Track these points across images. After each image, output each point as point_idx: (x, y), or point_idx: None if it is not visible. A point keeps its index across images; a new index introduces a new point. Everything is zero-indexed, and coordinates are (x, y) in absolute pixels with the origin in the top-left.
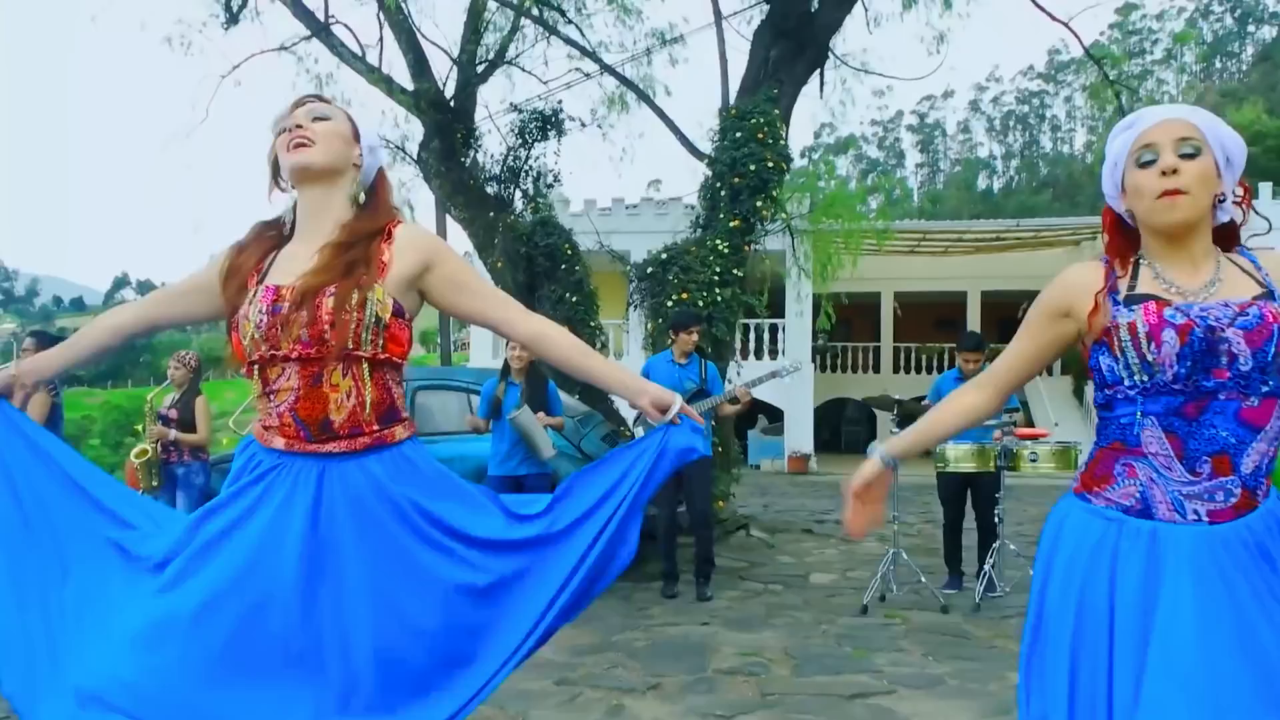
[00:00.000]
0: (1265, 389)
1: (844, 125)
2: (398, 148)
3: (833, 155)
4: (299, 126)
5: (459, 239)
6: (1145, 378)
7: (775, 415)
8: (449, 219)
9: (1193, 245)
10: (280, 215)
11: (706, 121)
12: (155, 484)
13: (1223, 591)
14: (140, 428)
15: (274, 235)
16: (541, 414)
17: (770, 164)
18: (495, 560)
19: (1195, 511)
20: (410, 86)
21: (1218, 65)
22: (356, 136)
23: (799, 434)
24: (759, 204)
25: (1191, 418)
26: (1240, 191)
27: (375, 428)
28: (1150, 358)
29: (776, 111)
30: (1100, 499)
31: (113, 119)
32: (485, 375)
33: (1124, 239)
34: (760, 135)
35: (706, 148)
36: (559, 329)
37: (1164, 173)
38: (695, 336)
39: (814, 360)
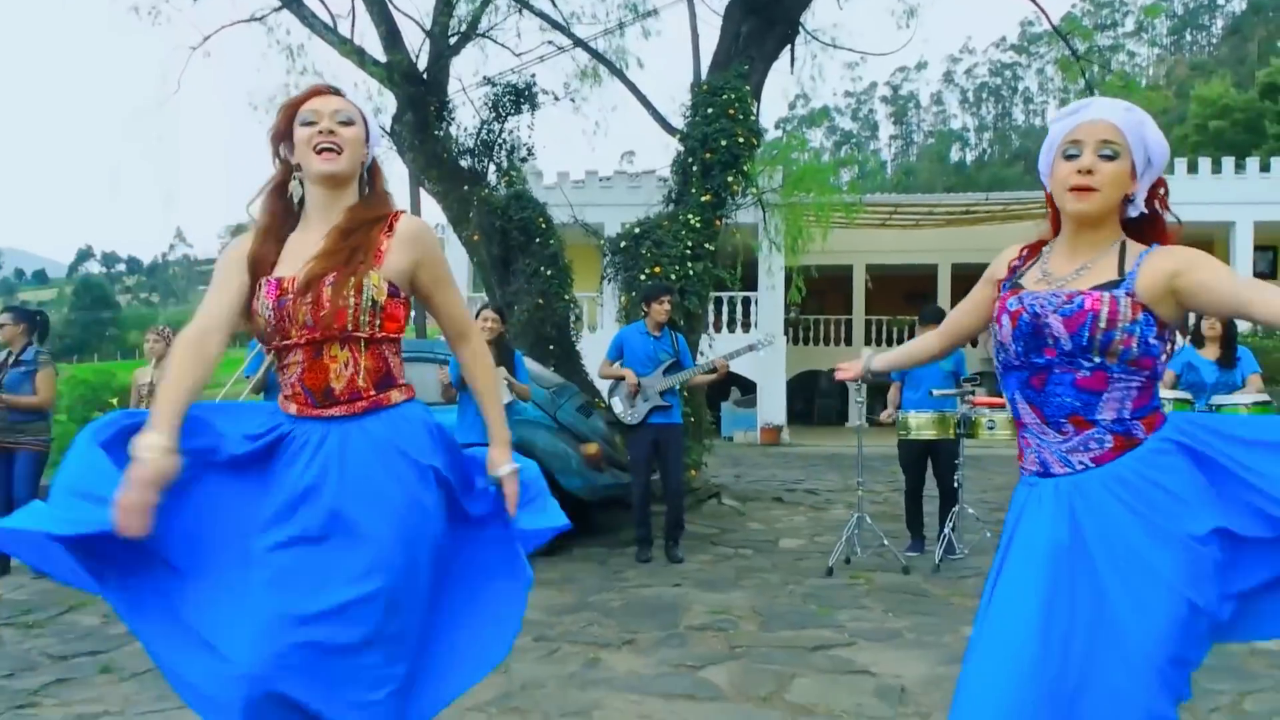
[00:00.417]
0: (1090, 365)
1: (817, 98)
2: None
3: (806, 127)
4: (331, 132)
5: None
6: (1002, 356)
7: (748, 388)
8: (423, 192)
9: (1092, 234)
10: (290, 192)
11: (679, 96)
12: None
13: (1106, 521)
14: (115, 402)
15: (289, 218)
16: (503, 369)
17: (741, 140)
18: (473, 505)
19: (1081, 462)
20: (383, 59)
21: (1188, 38)
22: (368, 137)
23: (772, 406)
24: (730, 179)
25: (1038, 389)
26: (1160, 191)
27: (372, 393)
28: (999, 338)
29: (747, 88)
30: (1023, 470)
31: (77, 89)
32: None
33: (1057, 210)
34: (731, 111)
35: (679, 122)
36: (486, 366)
37: (1080, 171)
38: (667, 306)
39: (786, 333)
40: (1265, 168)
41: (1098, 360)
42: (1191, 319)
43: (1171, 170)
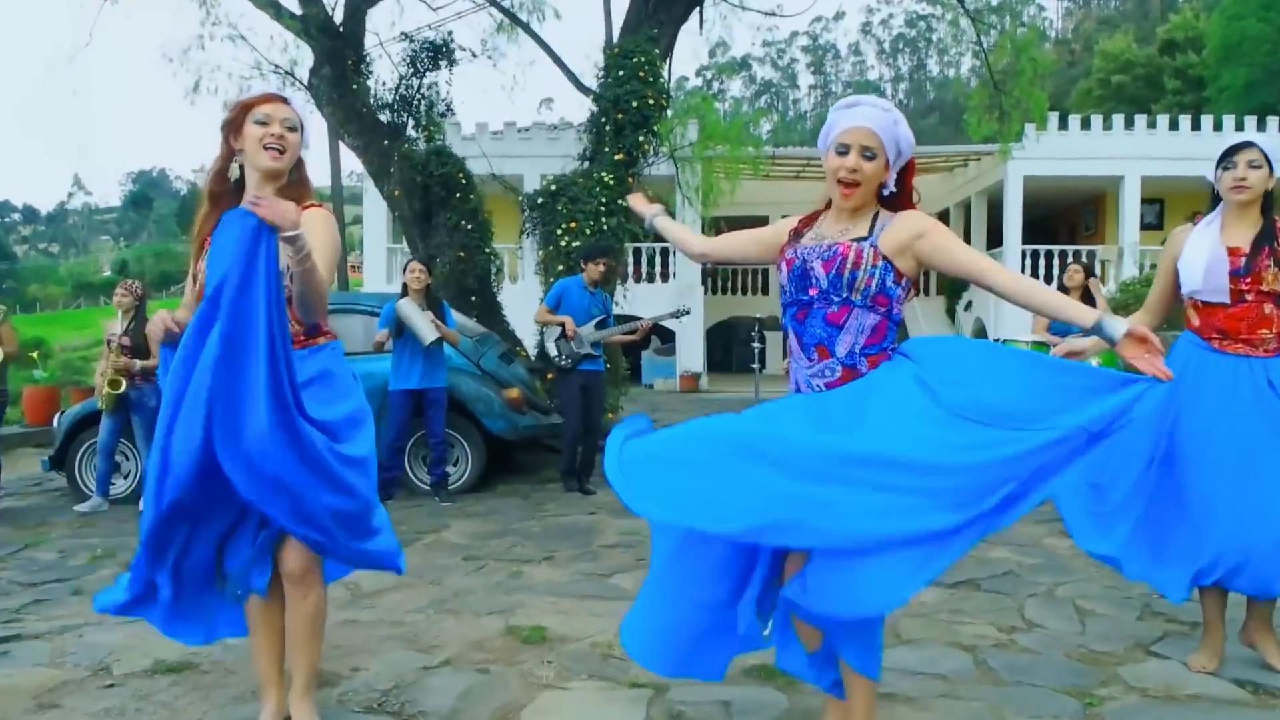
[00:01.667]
0: (839, 300)
1: (735, 48)
2: (288, 73)
3: (726, 76)
4: (280, 136)
5: (353, 165)
6: (783, 296)
7: (668, 337)
8: (342, 146)
9: (852, 207)
10: (230, 172)
11: (594, 54)
12: (114, 410)
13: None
14: (35, 355)
15: (229, 194)
16: (430, 313)
17: (651, 101)
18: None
19: (818, 385)
20: (298, 11)
21: None
22: (303, 140)
23: (690, 354)
24: (641, 139)
25: (801, 321)
26: (910, 172)
27: (303, 337)
28: (781, 281)
29: (657, 51)
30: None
31: None
32: (385, 298)
33: None
34: (641, 74)
35: (594, 82)
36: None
37: (847, 169)
38: (601, 268)
39: (704, 283)
40: (1152, 124)
41: (845, 295)
42: (1056, 275)
43: (1066, 127)
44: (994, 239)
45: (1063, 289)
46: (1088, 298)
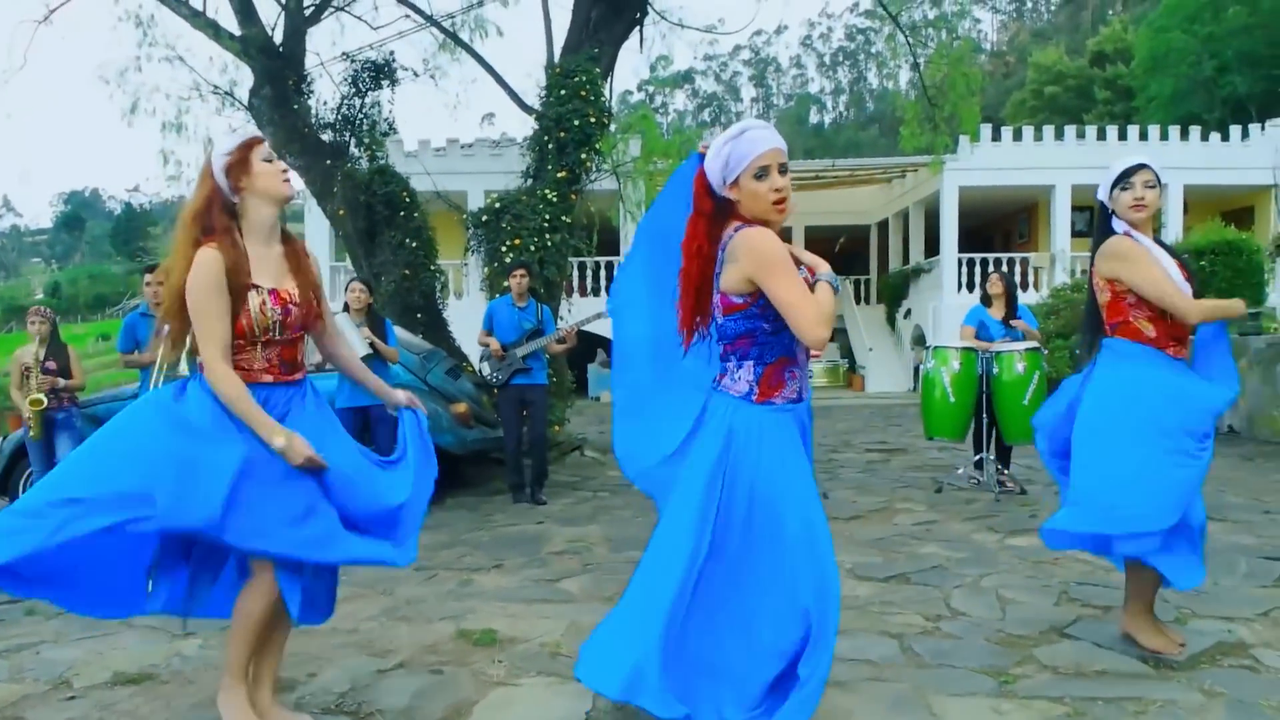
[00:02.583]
0: None
1: (677, 62)
2: (227, 94)
3: (668, 90)
4: (287, 170)
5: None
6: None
7: None
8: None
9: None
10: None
11: (536, 73)
12: (42, 436)
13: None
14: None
15: (236, 233)
16: (367, 329)
17: (592, 119)
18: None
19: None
20: (238, 32)
21: (1028, 5)
22: None
23: None
24: (584, 156)
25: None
26: None
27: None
28: None
29: (598, 70)
30: (776, 400)
31: None
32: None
33: (714, 203)
34: (583, 93)
35: (536, 100)
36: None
37: (777, 189)
38: (518, 279)
39: None
40: (1081, 135)
41: None
42: (978, 281)
43: (999, 138)
44: (931, 248)
45: (986, 297)
46: (1011, 302)
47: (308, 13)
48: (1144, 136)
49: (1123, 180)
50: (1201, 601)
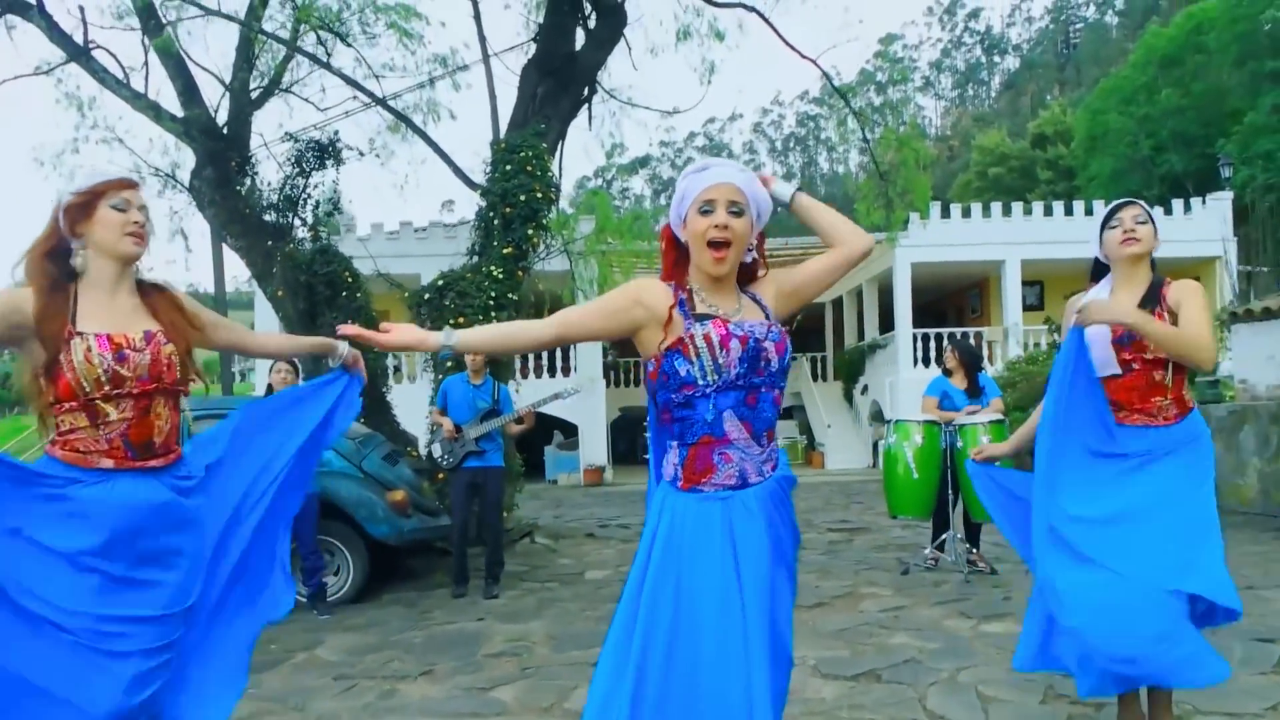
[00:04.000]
0: (781, 385)
1: (633, 148)
2: (169, 176)
3: (625, 176)
4: (140, 223)
5: (236, 266)
6: (716, 377)
7: (571, 431)
8: (225, 248)
9: (727, 280)
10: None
11: (484, 151)
12: None
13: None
14: None
15: (63, 280)
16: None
17: (539, 195)
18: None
19: (764, 472)
20: (180, 113)
21: (970, 92)
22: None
23: (594, 447)
24: (530, 232)
25: (752, 406)
26: (755, 241)
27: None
28: (721, 361)
29: (544, 145)
30: (704, 486)
31: None
32: (238, 401)
33: (678, 253)
34: (529, 168)
35: (483, 177)
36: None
37: (717, 226)
38: (476, 357)
39: (606, 376)
40: (1028, 212)
41: (784, 381)
42: (933, 356)
43: (949, 215)
44: (886, 323)
45: (947, 371)
46: (972, 370)
47: (254, 95)
48: (1089, 212)
49: (1110, 219)
50: (1204, 695)
